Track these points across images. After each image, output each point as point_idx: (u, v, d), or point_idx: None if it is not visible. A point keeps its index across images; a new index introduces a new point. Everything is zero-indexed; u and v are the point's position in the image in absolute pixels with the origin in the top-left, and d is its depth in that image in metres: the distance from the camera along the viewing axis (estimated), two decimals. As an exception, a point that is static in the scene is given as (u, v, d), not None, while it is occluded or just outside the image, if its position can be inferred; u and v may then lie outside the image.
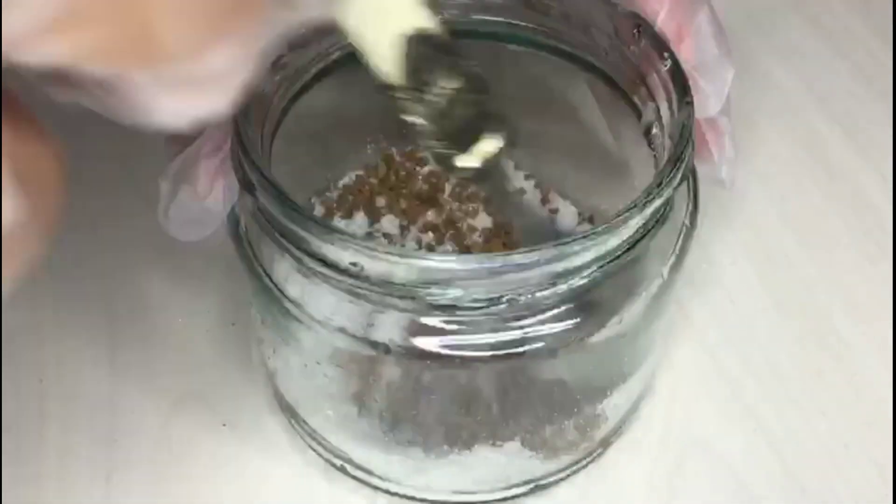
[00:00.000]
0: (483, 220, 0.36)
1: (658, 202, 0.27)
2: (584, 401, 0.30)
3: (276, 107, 0.31)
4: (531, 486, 0.33)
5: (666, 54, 0.30)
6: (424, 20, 0.24)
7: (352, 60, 0.34)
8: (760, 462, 0.34)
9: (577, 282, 0.26)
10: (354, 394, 0.31)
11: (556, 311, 0.27)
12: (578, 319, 0.27)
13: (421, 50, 0.24)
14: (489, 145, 0.27)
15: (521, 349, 0.27)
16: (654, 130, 0.30)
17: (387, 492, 0.33)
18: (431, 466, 0.31)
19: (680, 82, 0.29)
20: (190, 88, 0.16)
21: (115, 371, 0.36)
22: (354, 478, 0.33)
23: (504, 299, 0.26)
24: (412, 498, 0.33)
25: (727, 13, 0.50)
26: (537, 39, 0.33)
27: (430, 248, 0.35)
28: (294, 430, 0.35)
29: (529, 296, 0.26)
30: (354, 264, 0.26)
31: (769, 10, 0.51)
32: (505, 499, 0.33)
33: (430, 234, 0.35)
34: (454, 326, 0.27)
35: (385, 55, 0.24)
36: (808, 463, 0.34)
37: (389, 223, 0.36)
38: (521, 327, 0.27)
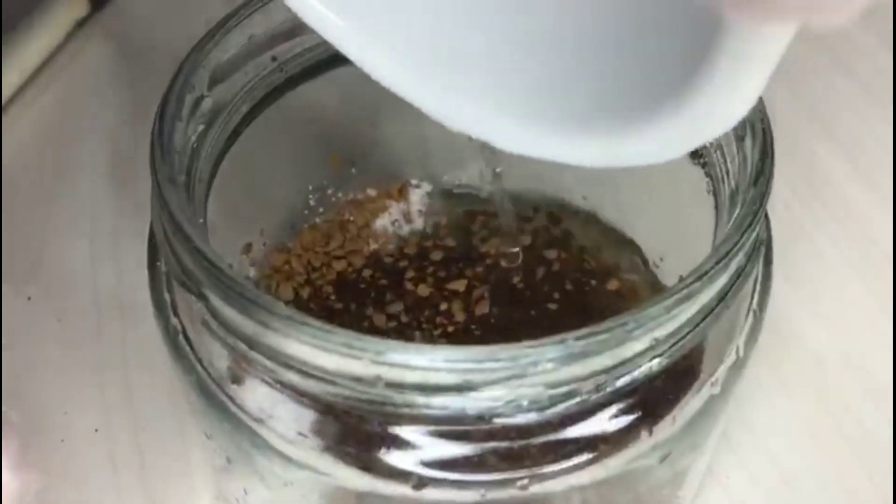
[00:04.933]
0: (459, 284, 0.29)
1: (737, 258, 0.20)
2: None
3: (205, 160, 0.24)
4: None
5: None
6: None
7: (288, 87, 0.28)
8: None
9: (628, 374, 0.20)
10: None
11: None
12: (633, 416, 0.21)
13: None
14: None
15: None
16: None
17: None
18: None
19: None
20: None
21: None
22: None
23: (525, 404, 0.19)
24: None
25: (783, 105, 0.43)
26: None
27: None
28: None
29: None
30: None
31: (822, 99, 0.45)
32: None
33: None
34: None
35: None
36: None
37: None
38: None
